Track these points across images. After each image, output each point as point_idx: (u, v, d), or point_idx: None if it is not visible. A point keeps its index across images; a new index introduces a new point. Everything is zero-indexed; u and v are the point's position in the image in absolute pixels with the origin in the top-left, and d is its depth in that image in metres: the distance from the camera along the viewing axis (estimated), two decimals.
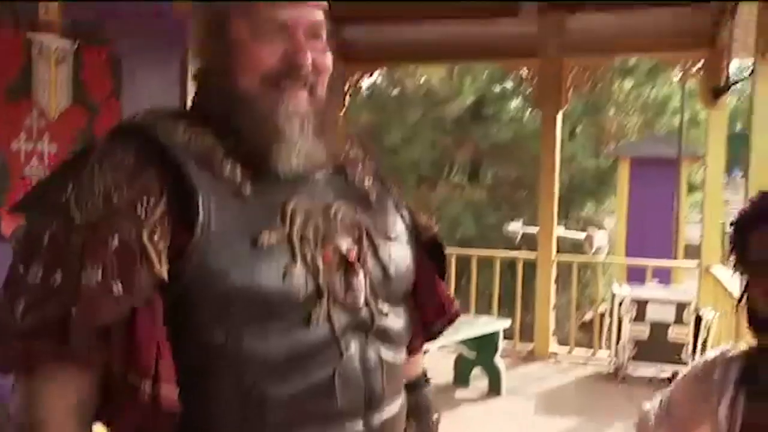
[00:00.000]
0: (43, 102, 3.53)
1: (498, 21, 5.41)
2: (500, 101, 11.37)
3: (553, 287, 6.30)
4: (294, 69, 1.03)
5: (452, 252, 6.78)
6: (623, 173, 9.08)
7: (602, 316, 6.45)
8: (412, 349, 1.24)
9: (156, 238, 0.93)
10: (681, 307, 5.37)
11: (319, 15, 1.06)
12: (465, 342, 5.05)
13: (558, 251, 6.50)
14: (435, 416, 1.30)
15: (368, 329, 1.06)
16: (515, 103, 11.49)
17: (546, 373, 5.79)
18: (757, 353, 1.39)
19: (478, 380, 5.27)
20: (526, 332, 6.51)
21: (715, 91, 3.69)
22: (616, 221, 9.17)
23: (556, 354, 6.19)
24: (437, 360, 5.64)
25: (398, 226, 1.17)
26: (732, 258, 1.39)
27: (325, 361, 1.00)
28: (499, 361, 5.20)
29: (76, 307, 0.88)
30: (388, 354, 1.08)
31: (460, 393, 5.17)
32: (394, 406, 1.10)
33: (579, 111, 11.05)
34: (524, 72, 6.19)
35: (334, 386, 1.00)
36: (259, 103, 1.03)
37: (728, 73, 3.54)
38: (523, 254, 6.95)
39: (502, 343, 5.26)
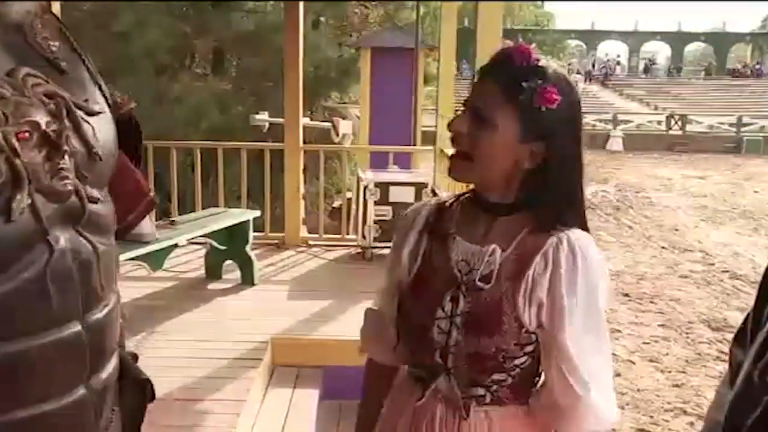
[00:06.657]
0: None
1: None
2: None
3: (301, 176, 6.37)
4: None
5: (197, 145, 6.52)
6: (365, 63, 9.29)
7: (350, 201, 6.70)
8: None
9: None
10: (419, 188, 5.74)
11: None
12: (215, 235, 4.94)
13: (305, 142, 6.53)
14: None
15: (79, 219, 0.94)
16: None
17: (297, 260, 5.92)
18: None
19: (231, 272, 5.23)
20: (277, 222, 6.57)
21: None
22: (360, 110, 9.44)
23: (307, 241, 6.33)
24: (187, 255, 5.51)
25: (99, 98, 1.03)
26: None
27: (33, 259, 0.87)
28: (251, 251, 5.20)
29: None
30: (102, 246, 0.98)
31: (213, 286, 5.11)
32: (110, 302, 1.02)
33: (321, 2, 10.96)
34: None
35: (48, 287, 0.88)
36: None
37: None
38: (270, 145, 6.90)
39: (252, 234, 5.24)
